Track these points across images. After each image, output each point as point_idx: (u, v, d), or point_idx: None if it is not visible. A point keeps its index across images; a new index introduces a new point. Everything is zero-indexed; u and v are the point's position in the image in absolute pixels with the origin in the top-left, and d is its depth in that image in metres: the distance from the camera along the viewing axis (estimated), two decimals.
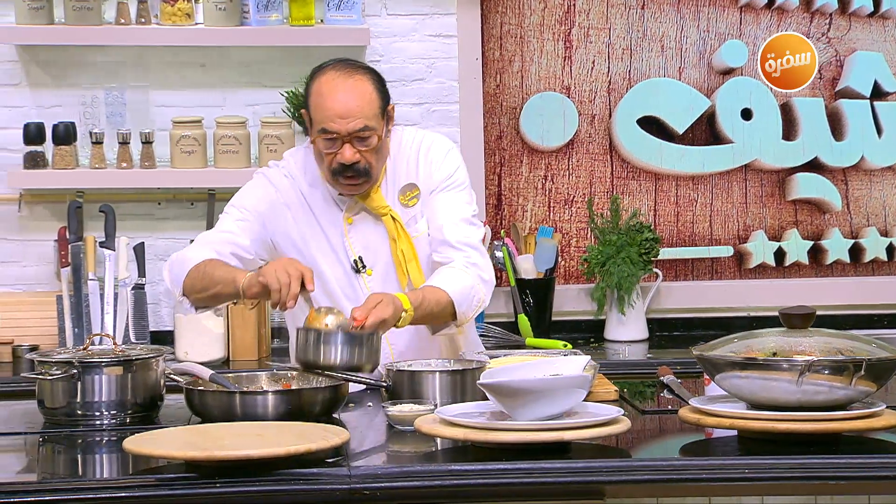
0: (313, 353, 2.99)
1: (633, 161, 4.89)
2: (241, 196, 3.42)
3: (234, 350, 4.50)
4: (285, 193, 3.38)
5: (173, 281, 3.33)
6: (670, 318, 4.87)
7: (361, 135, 3.22)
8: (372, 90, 3.25)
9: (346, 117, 3.21)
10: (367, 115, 3.23)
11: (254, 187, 3.42)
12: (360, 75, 3.25)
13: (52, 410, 3.04)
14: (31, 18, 4.53)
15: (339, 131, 3.21)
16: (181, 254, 3.36)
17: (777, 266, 4.94)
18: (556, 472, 2.62)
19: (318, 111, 3.23)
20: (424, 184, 3.36)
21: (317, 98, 3.25)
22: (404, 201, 3.35)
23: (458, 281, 3.25)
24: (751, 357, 2.77)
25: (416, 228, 3.35)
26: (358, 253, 3.34)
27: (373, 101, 3.25)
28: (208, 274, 3.23)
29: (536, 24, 4.82)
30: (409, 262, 3.31)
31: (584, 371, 2.80)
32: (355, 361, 3.00)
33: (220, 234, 3.37)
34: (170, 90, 4.71)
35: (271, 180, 3.41)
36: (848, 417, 2.74)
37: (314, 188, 3.37)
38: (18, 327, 4.57)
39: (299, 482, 2.58)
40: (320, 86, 3.25)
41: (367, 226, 3.35)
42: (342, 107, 3.21)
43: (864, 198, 4.94)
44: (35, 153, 4.57)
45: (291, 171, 3.41)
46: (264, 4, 4.58)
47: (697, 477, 2.65)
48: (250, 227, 3.36)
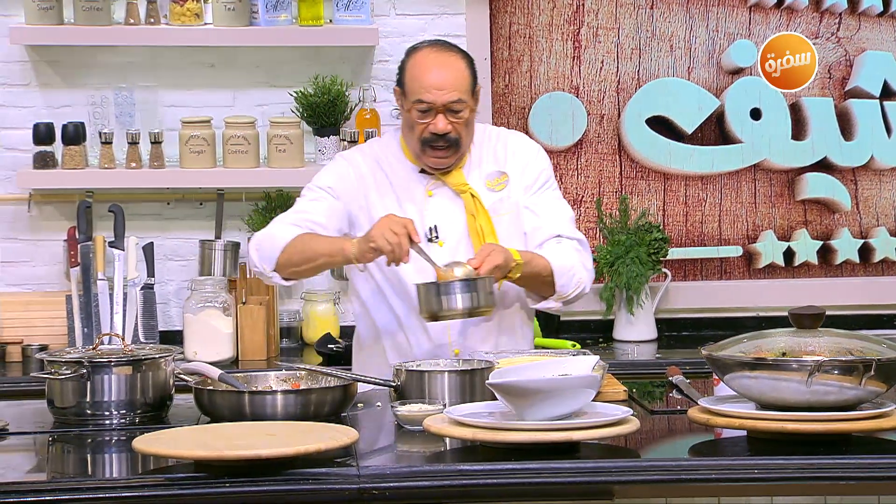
0: (435, 304, 3.21)
1: (641, 161, 4.88)
2: (316, 178, 3.57)
3: (243, 350, 4.50)
4: (360, 167, 3.53)
5: (264, 258, 3.43)
6: (679, 318, 4.87)
7: (455, 107, 3.42)
8: (465, 67, 3.46)
9: (441, 89, 3.40)
10: (461, 89, 3.42)
11: (329, 168, 3.59)
12: (454, 53, 3.47)
13: (62, 410, 3.04)
14: (41, 19, 4.54)
15: (435, 102, 3.41)
16: (265, 233, 3.47)
17: (786, 266, 4.93)
18: (565, 473, 2.62)
19: (415, 82, 3.43)
20: (515, 176, 3.54)
21: (414, 70, 3.45)
22: (491, 185, 3.52)
23: (563, 257, 3.46)
24: (760, 357, 2.77)
25: (497, 210, 3.50)
26: (432, 223, 3.47)
27: (465, 77, 3.44)
28: (309, 247, 3.38)
29: (545, 24, 4.82)
30: (487, 237, 3.46)
31: (592, 371, 2.80)
32: (473, 305, 3.20)
33: (295, 214, 3.50)
34: (179, 90, 4.71)
35: (346, 158, 3.58)
36: (858, 418, 2.74)
37: (396, 163, 3.53)
38: (28, 327, 4.58)
39: (308, 482, 2.58)
40: (417, 60, 3.46)
41: (444, 201, 3.50)
42: (438, 79, 3.41)
43: (874, 198, 4.93)
44: (45, 153, 4.58)
45: (373, 149, 3.58)
46: (273, 4, 4.58)
47: (706, 477, 2.65)
48: (325, 204, 3.49)
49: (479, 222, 3.46)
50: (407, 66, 3.47)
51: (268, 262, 3.42)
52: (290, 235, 3.40)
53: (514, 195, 3.52)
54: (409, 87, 3.44)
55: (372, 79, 4.76)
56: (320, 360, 4.45)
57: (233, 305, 4.51)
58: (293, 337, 4.71)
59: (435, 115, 3.41)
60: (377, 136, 3.70)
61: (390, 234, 3.23)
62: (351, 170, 3.52)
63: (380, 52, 4.76)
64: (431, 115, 3.41)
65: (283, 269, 3.41)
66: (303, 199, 3.53)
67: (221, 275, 4.60)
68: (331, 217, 3.47)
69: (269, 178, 4.62)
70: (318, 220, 3.45)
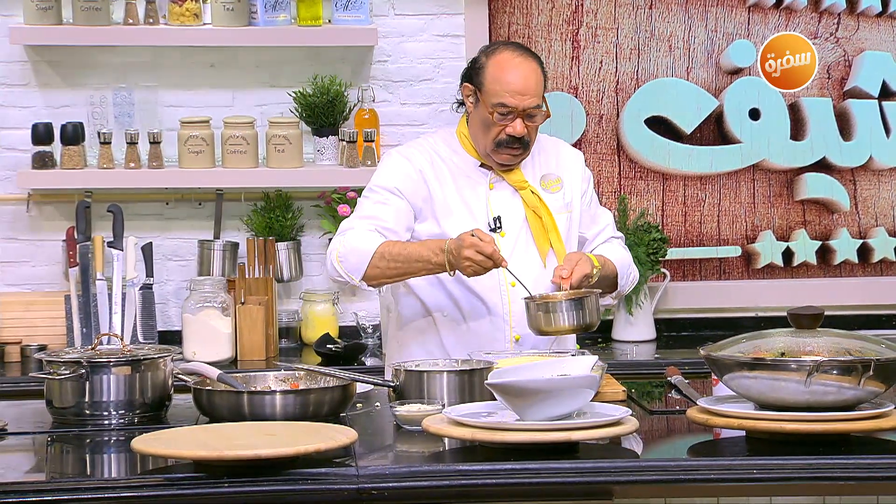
0: (544, 322, 3.30)
1: (640, 161, 4.88)
2: (376, 177, 3.57)
3: (242, 350, 4.50)
4: (419, 162, 3.54)
5: (351, 270, 3.43)
6: (678, 319, 4.87)
7: (533, 112, 3.48)
8: (542, 72, 3.51)
9: (524, 94, 3.45)
10: (539, 95, 3.49)
11: (387, 166, 3.57)
12: (532, 57, 3.51)
13: (61, 410, 3.04)
14: (40, 19, 4.54)
15: (517, 106, 3.45)
16: (346, 243, 3.44)
17: (785, 266, 4.93)
18: (564, 473, 2.62)
19: (497, 85, 3.46)
20: (567, 181, 3.62)
21: (496, 73, 3.47)
22: (546, 186, 3.59)
23: (621, 256, 3.62)
24: (759, 357, 2.77)
25: (557, 208, 3.57)
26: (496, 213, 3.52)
27: (542, 83, 3.51)
28: (398, 258, 3.39)
29: (544, 25, 4.82)
30: (550, 232, 3.52)
31: (591, 371, 2.80)
32: (580, 322, 3.30)
33: (362, 220, 3.49)
34: (178, 90, 4.71)
35: (403, 154, 3.58)
36: (856, 418, 2.74)
37: (456, 156, 3.56)
38: (27, 327, 4.58)
39: (307, 482, 2.58)
40: (500, 63, 3.48)
41: (504, 195, 3.55)
42: (522, 84, 3.45)
43: (873, 198, 4.94)
44: (43, 153, 4.58)
45: (429, 144, 3.60)
46: (272, 5, 4.58)
47: (705, 477, 2.65)
48: (393, 207, 3.50)
49: (542, 218, 3.52)
50: (487, 67, 3.49)
51: (356, 273, 3.42)
52: (373, 245, 3.40)
53: (569, 197, 3.59)
54: (490, 89, 3.47)
55: (371, 79, 4.76)
56: (319, 361, 4.45)
57: (232, 305, 4.51)
58: (292, 337, 4.71)
59: (514, 118, 3.45)
60: (428, 134, 3.72)
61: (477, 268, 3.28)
62: (410, 165, 3.53)
63: (378, 52, 4.76)
64: (510, 119, 3.45)
65: (370, 280, 3.44)
66: (368, 202, 3.52)
67: (220, 275, 4.60)
68: (399, 220, 3.49)
69: (268, 178, 4.62)
70: (389, 226, 3.46)
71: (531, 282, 3.40)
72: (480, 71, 3.50)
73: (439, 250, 3.34)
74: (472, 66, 3.54)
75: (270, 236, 4.66)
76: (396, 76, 4.79)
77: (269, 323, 4.55)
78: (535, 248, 3.51)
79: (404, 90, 4.79)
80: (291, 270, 4.68)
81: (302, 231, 4.75)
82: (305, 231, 4.76)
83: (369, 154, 4.62)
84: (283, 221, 4.67)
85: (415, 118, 4.79)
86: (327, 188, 4.69)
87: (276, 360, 4.48)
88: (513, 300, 3.48)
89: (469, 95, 3.53)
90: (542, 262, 3.50)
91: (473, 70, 3.53)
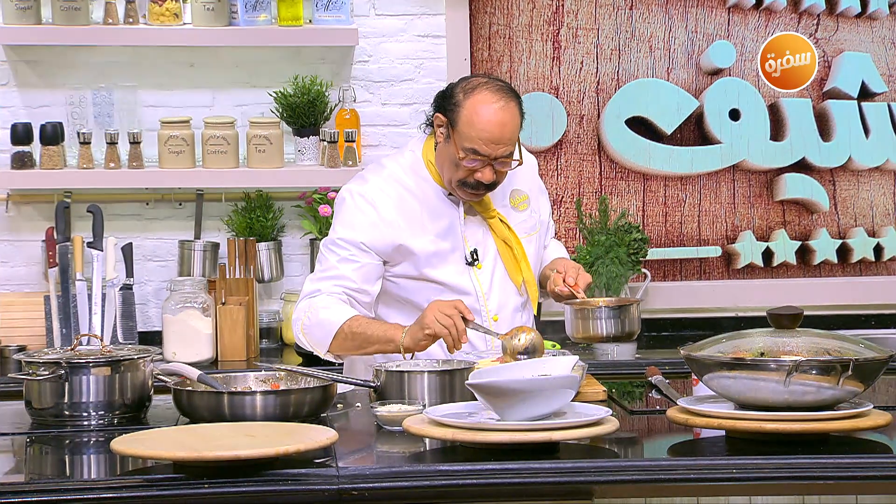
0: (584, 329, 3.32)
1: (621, 161, 4.89)
2: (341, 229, 3.42)
3: (223, 351, 4.50)
4: (385, 206, 3.41)
5: (316, 344, 3.39)
6: (659, 319, 4.88)
7: (506, 160, 3.36)
8: (519, 118, 3.37)
9: (498, 143, 3.33)
10: (514, 142, 3.37)
11: (349, 213, 3.43)
12: (512, 102, 3.35)
13: (40, 411, 3.03)
14: (19, 18, 4.52)
15: (490, 155, 3.33)
16: (312, 315, 3.35)
17: (765, 266, 4.94)
18: (544, 473, 2.62)
19: (471, 130, 3.32)
20: (533, 193, 3.56)
21: (471, 116, 3.32)
22: (514, 204, 3.53)
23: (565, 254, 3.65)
24: (739, 357, 2.78)
25: (526, 230, 3.51)
26: (472, 247, 3.46)
27: (518, 128, 3.38)
28: (359, 335, 3.31)
29: (525, 25, 4.83)
30: (520, 261, 3.48)
31: (572, 371, 2.80)
32: (622, 331, 3.31)
33: (333, 281, 3.38)
34: (158, 90, 4.70)
35: (367, 198, 3.42)
36: (835, 417, 2.75)
37: (425, 184, 3.45)
38: (6, 328, 4.57)
39: (288, 482, 2.58)
40: (476, 106, 3.32)
41: (476, 225, 3.48)
42: (497, 133, 3.32)
43: (852, 198, 4.95)
44: (22, 153, 4.56)
45: (396, 175, 3.45)
46: (252, 4, 4.58)
47: (685, 477, 2.66)
48: (360, 267, 3.39)
49: (513, 248, 3.47)
50: (463, 107, 3.32)
51: (320, 347, 3.37)
52: (338, 320, 3.30)
53: (536, 214, 3.56)
54: (464, 132, 3.31)
55: (352, 79, 4.76)
56: (300, 361, 4.45)
57: (212, 306, 4.50)
58: (273, 337, 4.71)
59: (484, 165, 3.33)
60: (391, 156, 3.55)
61: (444, 318, 3.17)
62: (375, 213, 3.39)
63: (359, 52, 4.76)
64: (480, 164, 3.33)
65: (336, 352, 3.39)
66: (333, 257, 3.39)
67: (201, 275, 4.59)
68: (368, 279, 3.38)
69: (249, 178, 4.62)
70: (356, 286, 3.37)
71: (511, 309, 3.44)
72: (456, 108, 3.33)
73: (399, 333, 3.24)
74: (447, 98, 3.37)
75: (251, 237, 4.65)
76: (377, 76, 4.79)
77: (250, 323, 4.54)
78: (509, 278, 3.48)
79: (385, 90, 4.79)
80: (272, 271, 4.68)
81: (283, 231, 4.75)
82: (286, 231, 4.76)
83: (350, 154, 4.62)
84: (264, 222, 4.66)
85: (396, 118, 4.79)
86: (308, 188, 4.68)
87: (256, 360, 4.47)
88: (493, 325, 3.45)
89: (441, 126, 3.36)
90: (518, 290, 3.49)
91: (448, 103, 3.35)
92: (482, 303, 3.45)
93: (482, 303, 3.45)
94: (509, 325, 3.43)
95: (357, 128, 4.68)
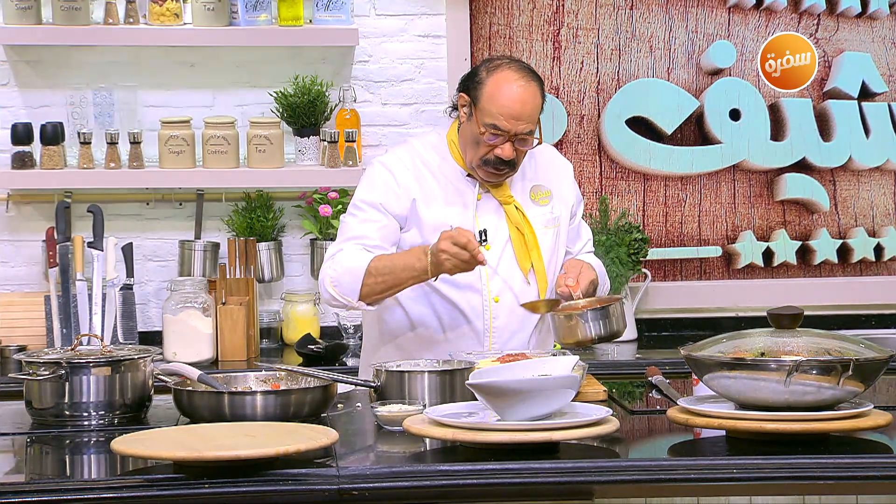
0: (570, 334, 3.30)
1: (621, 161, 4.89)
2: (359, 192, 3.51)
3: (223, 351, 4.50)
4: (403, 174, 3.48)
5: (346, 293, 3.39)
6: (659, 319, 4.88)
7: (525, 137, 3.40)
8: (540, 95, 3.42)
9: (518, 119, 3.37)
10: (534, 121, 3.41)
11: (370, 179, 3.51)
12: (534, 81, 3.41)
13: (40, 411, 3.03)
14: (19, 18, 4.52)
15: (509, 130, 3.38)
16: (337, 266, 3.39)
17: (765, 266, 4.94)
18: (544, 473, 2.62)
19: (493, 105, 3.38)
20: (557, 192, 3.57)
21: (494, 92, 3.38)
22: (535, 199, 3.55)
23: (599, 265, 3.62)
24: (739, 357, 2.78)
25: (543, 223, 3.52)
26: (482, 227, 3.48)
27: (539, 107, 3.42)
28: (385, 269, 3.35)
29: (525, 25, 4.83)
30: (531, 250, 3.49)
31: (572, 371, 2.80)
32: (608, 331, 3.30)
33: (349, 241, 3.44)
34: (158, 90, 4.70)
35: (386, 165, 3.50)
36: (836, 417, 2.75)
37: (444, 163, 3.50)
38: (7, 328, 4.57)
39: (288, 482, 2.58)
40: (499, 82, 3.39)
41: (490, 207, 3.50)
42: (518, 109, 3.37)
43: (852, 198, 4.95)
44: (23, 153, 4.56)
45: (416, 150, 3.53)
46: (253, 4, 4.58)
47: (686, 477, 2.65)
48: (377, 225, 3.45)
49: (525, 235, 3.48)
50: (486, 84, 3.39)
51: (352, 294, 3.37)
52: (364, 263, 3.35)
53: (557, 211, 3.56)
54: (485, 107, 3.38)
55: (352, 79, 4.76)
56: (300, 361, 4.45)
57: (212, 306, 4.50)
58: (273, 337, 4.71)
59: (504, 141, 3.38)
60: (418, 135, 3.64)
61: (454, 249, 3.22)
62: (393, 179, 3.46)
63: (360, 52, 4.76)
64: (501, 140, 3.38)
65: (366, 298, 3.39)
66: (353, 220, 3.47)
67: (201, 275, 4.59)
68: (385, 236, 3.44)
69: (249, 178, 4.62)
70: (375, 244, 3.42)
71: (515, 296, 3.43)
72: (479, 85, 3.40)
73: (423, 254, 3.30)
74: (471, 77, 3.45)
75: (251, 237, 4.65)
76: (378, 76, 4.79)
77: (250, 323, 4.55)
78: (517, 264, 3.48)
79: (385, 90, 4.79)
80: (272, 271, 4.68)
81: (283, 231, 4.75)
82: (286, 231, 4.76)
83: (350, 154, 4.62)
84: (264, 222, 4.66)
85: (396, 118, 4.79)
86: (308, 188, 4.68)
87: (256, 360, 4.47)
88: (494, 317, 3.46)
89: (464, 106, 3.44)
90: (525, 278, 3.48)
91: (472, 82, 3.43)
92: (484, 282, 3.45)
93: (484, 282, 3.45)
94: (510, 309, 3.45)
95: (357, 128, 4.68)
